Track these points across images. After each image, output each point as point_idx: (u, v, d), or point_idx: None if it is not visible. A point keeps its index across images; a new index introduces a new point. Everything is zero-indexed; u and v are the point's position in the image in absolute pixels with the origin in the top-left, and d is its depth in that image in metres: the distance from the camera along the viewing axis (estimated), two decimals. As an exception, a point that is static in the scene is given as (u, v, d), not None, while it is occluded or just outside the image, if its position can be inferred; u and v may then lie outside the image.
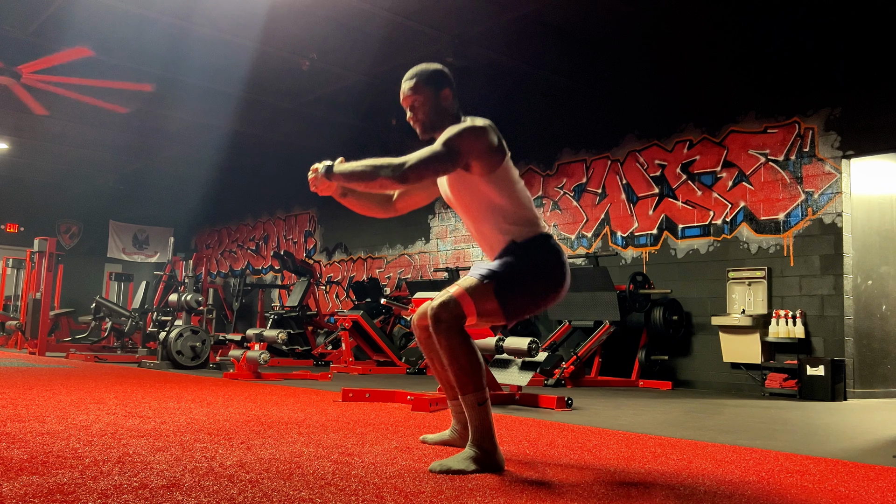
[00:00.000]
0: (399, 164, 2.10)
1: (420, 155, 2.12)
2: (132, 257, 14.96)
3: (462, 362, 2.07)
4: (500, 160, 2.21)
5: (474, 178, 2.21)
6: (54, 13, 6.33)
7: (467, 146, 2.15)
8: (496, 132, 2.22)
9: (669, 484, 1.99)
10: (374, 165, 2.13)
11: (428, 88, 2.31)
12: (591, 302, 6.56)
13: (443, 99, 2.31)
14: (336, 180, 2.21)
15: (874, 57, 5.79)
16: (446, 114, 2.31)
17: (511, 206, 2.23)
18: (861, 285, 5.96)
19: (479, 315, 2.15)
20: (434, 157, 2.12)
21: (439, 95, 2.31)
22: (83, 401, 3.59)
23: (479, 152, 2.17)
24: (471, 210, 2.30)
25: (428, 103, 2.31)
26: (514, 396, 4.21)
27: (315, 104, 8.62)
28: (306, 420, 3.12)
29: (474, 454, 2.05)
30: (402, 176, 2.10)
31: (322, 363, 8.20)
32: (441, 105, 2.31)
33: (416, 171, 2.10)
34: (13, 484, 1.68)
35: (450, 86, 2.34)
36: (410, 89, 2.33)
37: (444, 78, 2.34)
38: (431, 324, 2.09)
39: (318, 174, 2.24)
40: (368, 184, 2.18)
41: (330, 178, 2.22)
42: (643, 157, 7.33)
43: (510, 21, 6.26)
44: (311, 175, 2.27)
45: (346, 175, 2.18)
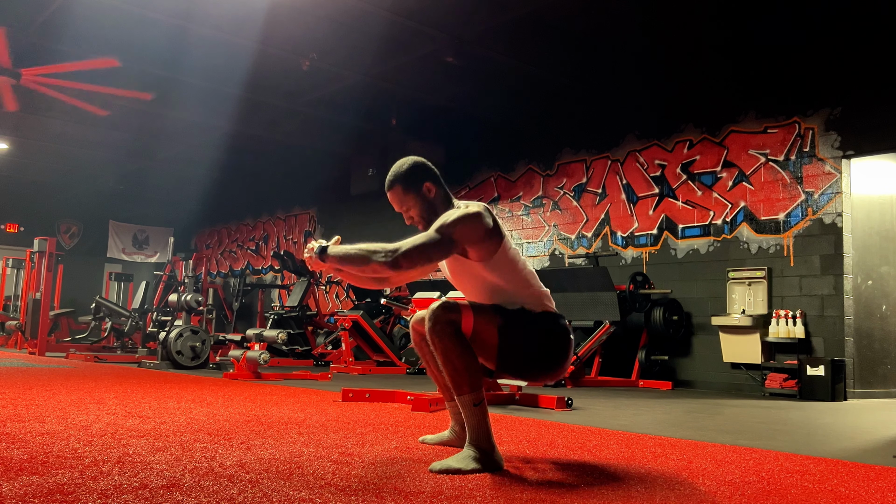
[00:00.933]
0: (392, 251, 2.06)
1: (413, 242, 2.08)
2: (132, 257, 14.96)
3: (456, 363, 2.07)
4: (497, 244, 2.18)
5: (472, 263, 2.19)
6: (54, 13, 6.33)
7: (460, 233, 2.12)
8: (491, 215, 2.19)
9: (669, 484, 1.99)
10: (367, 251, 2.09)
11: (409, 192, 2.27)
12: (591, 302, 6.56)
13: (427, 192, 2.28)
14: (330, 262, 2.16)
15: (874, 57, 5.79)
16: (437, 204, 2.28)
17: (515, 288, 2.21)
18: (861, 285, 5.96)
19: (473, 338, 2.12)
20: (427, 245, 2.09)
21: (422, 192, 2.27)
22: (83, 401, 3.59)
23: (474, 239, 2.14)
24: (471, 292, 2.29)
25: (416, 205, 2.29)
26: (513, 396, 4.21)
27: (315, 104, 8.61)
28: (306, 420, 3.12)
29: (473, 454, 2.05)
30: (395, 263, 2.05)
31: (322, 363, 8.20)
32: (428, 199, 2.28)
33: (408, 258, 2.06)
34: (13, 484, 1.68)
35: (429, 177, 2.28)
36: (395, 198, 2.30)
37: (420, 173, 2.28)
38: (428, 324, 2.08)
39: (313, 254, 2.20)
40: (361, 269, 2.13)
41: (324, 261, 2.17)
42: (643, 157, 7.33)
43: (510, 21, 6.26)
44: (305, 254, 2.24)
45: (339, 258, 2.14)
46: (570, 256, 7.85)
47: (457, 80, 7.62)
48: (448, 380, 2.11)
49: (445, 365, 2.08)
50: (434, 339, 2.08)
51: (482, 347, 2.15)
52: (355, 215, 10.79)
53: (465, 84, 7.74)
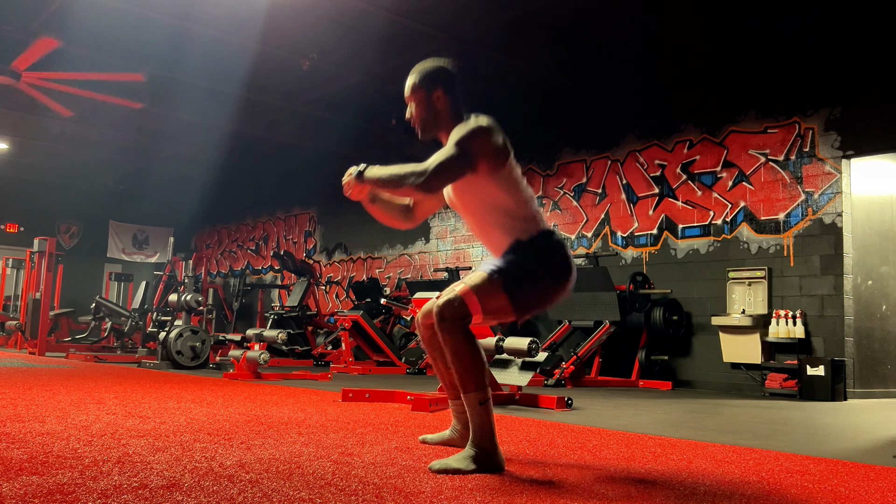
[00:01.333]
0: (421, 173, 2.10)
1: (438, 160, 2.12)
2: (132, 257, 14.96)
3: (465, 361, 2.08)
4: (505, 159, 2.22)
5: (479, 178, 2.21)
6: (54, 13, 6.33)
7: (477, 147, 2.16)
8: (501, 131, 2.22)
9: (669, 484, 1.99)
10: (401, 174, 2.14)
11: (421, 90, 2.32)
12: (591, 302, 6.56)
13: (435, 101, 2.31)
14: (367, 184, 2.24)
15: (874, 57, 5.79)
16: (440, 116, 2.31)
17: (515, 204, 2.23)
18: (861, 285, 5.96)
19: (486, 312, 2.15)
20: (450, 161, 2.12)
21: (431, 98, 2.31)
22: (83, 401, 3.59)
23: (486, 152, 2.17)
24: (475, 211, 2.30)
25: (421, 105, 2.32)
26: (514, 396, 4.21)
27: (315, 104, 8.61)
28: (306, 420, 3.12)
29: (474, 454, 2.05)
30: (426, 185, 2.11)
31: (322, 363, 8.19)
32: (434, 107, 2.31)
33: (437, 178, 2.11)
34: (13, 484, 1.68)
35: (444, 86, 2.31)
36: (408, 89, 2.35)
37: (438, 78, 2.32)
38: (436, 321, 2.09)
39: (351, 178, 2.27)
40: (394, 190, 2.22)
41: (362, 182, 2.25)
42: (643, 157, 7.33)
43: (510, 21, 6.26)
44: (345, 179, 2.30)
45: (376, 180, 2.21)
46: (570, 256, 7.84)
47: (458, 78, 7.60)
48: (456, 376, 2.12)
49: (454, 361, 2.09)
50: (445, 336, 2.08)
51: (499, 311, 2.18)
52: (355, 215, 10.78)
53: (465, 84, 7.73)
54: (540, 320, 7.97)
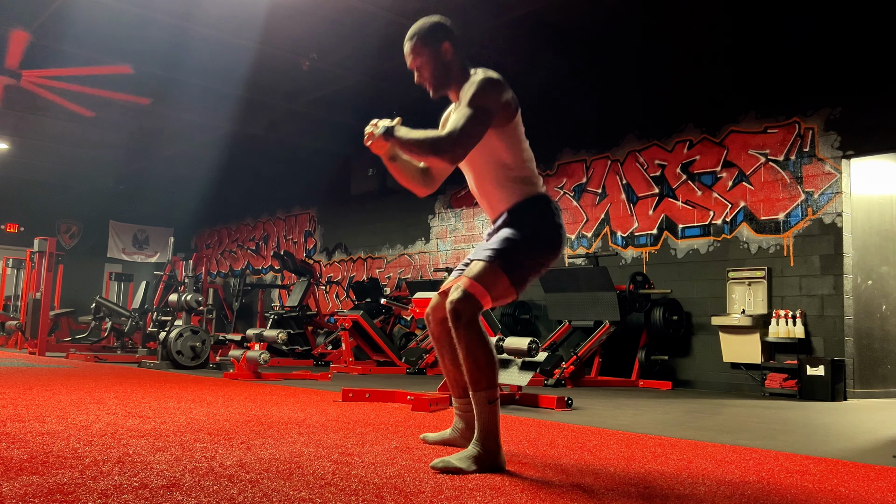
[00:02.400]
0: (447, 141, 2.08)
1: (460, 124, 2.09)
2: (132, 257, 14.96)
3: (478, 357, 2.07)
4: (513, 114, 2.22)
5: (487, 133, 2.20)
6: (54, 13, 6.33)
7: (493, 101, 2.15)
8: (507, 85, 2.22)
9: (669, 484, 1.99)
10: (427, 140, 2.12)
11: (427, 48, 2.28)
12: (591, 302, 6.56)
13: (444, 53, 2.28)
14: (391, 143, 2.23)
15: (874, 57, 5.79)
16: (451, 68, 2.29)
17: (515, 162, 2.25)
18: (861, 285, 5.96)
19: (494, 298, 2.16)
20: (471, 122, 2.10)
21: (440, 51, 2.28)
22: (83, 401, 3.59)
23: (499, 106, 2.17)
24: (476, 165, 2.30)
25: (431, 63, 2.29)
26: (514, 396, 4.21)
27: (315, 104, 8.61)
28: (306, 420, 3.12)
29: (477, 453, 2.05)
30: (455, 154, 2.10)
31: (322, 363, 8.19)
32: (444, 60, 2.29)
33: (462, 145, 2.10)
34: (13, 484, 1.68)
35: (448, 37, 2.29)
36: (410, 51, 2.31)
37: (441, 31, 2.29)
38: (451, 319, 2.08)
39: (377, 132, 2.24)
40: (419, 156, 2.20)
41: (387, 140, 2.23)
42: (643, 157, 7.33)
43: (510, 21, 6.25)
44: (368, 129, 2.27)
45: (403, 142, 2.18)
46: (570, 256, 7.85)
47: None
48: (467, 373, 2.11)
49: (467, 358, 2.08)
50: (459, 333, 2.07)
51: (503, 294, 2.18)
52: (355, 215, 10.79)
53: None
54: (540, 320, 7.97)
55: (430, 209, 9.50)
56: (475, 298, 2.09)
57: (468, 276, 2.15)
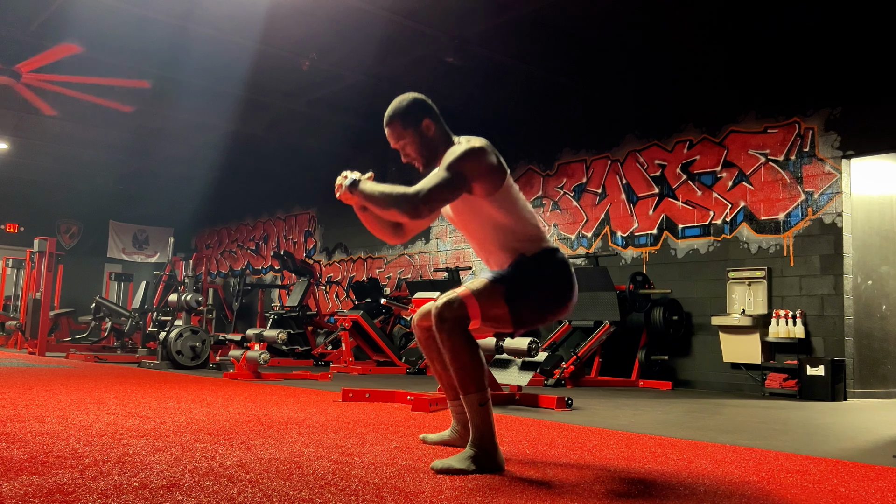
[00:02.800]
0: (412, 197, 2.08)
1: (429, 185, 2.09)
2: (132, 257, 14.96)
3: (464, 361, 2.07)
4: (501, 179, 2.19)
5: (476, 199, 2.19)
6: (54, 13, 6.33)
7: (470, 169, 2.13)
8: (494, 151, 2.20)
9: (669, 484, 1.99)
10: (392, 196, 2.12)
11: (408, 128, 2.27)
12: (591, 302, 6.56)
13: (426, 130, 2.27)
14: (357, 195, 2.22)
15: (874, 57, 5.79)
16: (436, 143, 2.28)
17: (516, 224, 2.22)
18: (861, 285, 5.96)
19: (485, 319, 2.13)
20: (441, 186, 2.10)
21: (420, 129, 2.27)
22: (83, 401, 3.59)
23: (480, 174, 2.15)
24: (475, 231, 2.30)
25: (414, 142, 2.28)
26: (514, 396, 4.21)
27: (315, 104, 8.61)
28: (306, 420, 3.12)
29: (475, 454, 2.05)
30: (416, 211, 2.09)
31: (322, 363, 8.19)
32: (427, 137, 2.28)
33: (427, 203, 2.09)
34: (13, 484, 1.68)
35: (428, 114, 2.28)
36: (393, 134, 2.30)
37: (419, 109, 2.28)
38: (435, 322, 2.08)
39: (344, 184, 2.24)
40: (383, 210, 2.19)
41: (353, 193, 2.23)
42: (643, 157, 7.33)
43: (510, 21, 6.25)
44: (338, 181, 2.27)
45: (367, 196, 2.19)
46: (570, 256, 7.85)
47: (457, 80, 7.62)
48: (455, 378, 2.11)
49: (453, 363, 2.08)
50: (443, 337, 2.07)
51: (497, 321, 2.17)
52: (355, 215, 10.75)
53: (465, 84, 7.74)
54: (540, 320, 7.96)
55: (430, 209, 9.49)
56: (463, 306, 2.08)
57: (466, 286, 2.15)
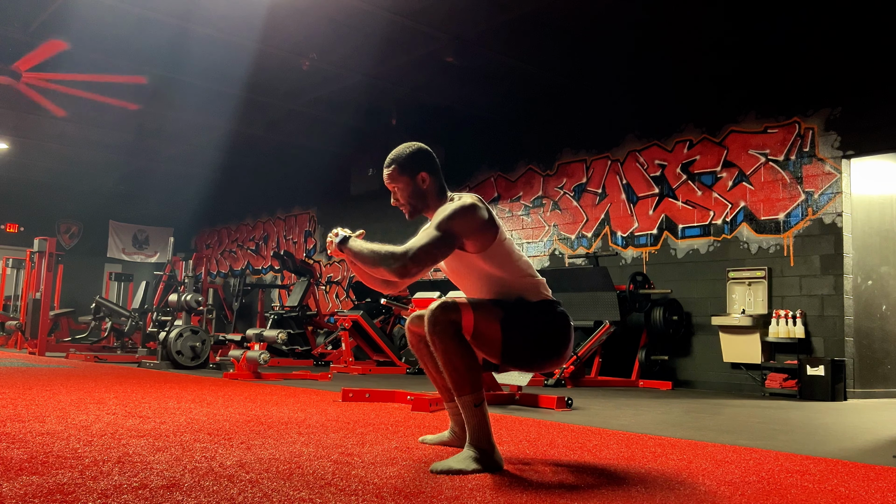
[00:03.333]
0: (401, 257, 2.07)
1: (418, 245, 2.09)
2: (132, 257, 14.96)
3: (457, 364, 2.06)
4: (493, 235, 2.18)
5: (470, 256, 2.19)
6: (54, 13, 6.33)
7: (460, 227, 2.12)
8: (485, 206, 2.20)
9: (669, 484, 1.99)
10: (380, 256, 2.12)
11: (404, 175, 2.28)
12: (591, 302, 6.55)
13: (420, 182, 2.28)
14: (346, 253, 2.23)
15: (874, 57, 5.79)
16: (427, 195, 2.29)
17: (512, 277, 2.21)
18: (861, 285, 5.96)
19: (475, 336, 2.12)
20: (430, 245, 2.09)
21: (416, 180, 2.27)
22: (83, 401, 3.59)
23: (471, 231, 2.14)
24: (469, 286, 2.30)
25: (407, 189, 2.29)
26: (514, 396, 4.21)
27: (315, 104, 8.61)
28: (306, 420, 3.12)
29: (473, 454, 2.05)
30: (405, 271, 2.08)
31: (322, 363, 8.19)
32: (420, 189, 2.28)
33: (417, 264, 2.08)
34: (13, 484, 1.68)
35: (427, 167, 2.28)
36: (388, 177, 2.30)
37: (420, 161, 2.28)
38: (427, 325, 2.08)
39: (335, 242, 2.26)
40: (372, 269, 2.20)
41: (342, 250, 2.25)
42: (643, 157, 7.33)
43: (510, 21, 6.26)
44: (329, 237, 2.29)
45: (354, 254, 2.20)
46: (570, 256, 7.85)
47: (457, 80, 7.62)
48: (448, 381, 2.10)
49: (446, 366, 2.08)
50: (434, 340, 2.07)
51: (485, 343, 2.15)
52: (355, 215, 10.78)
53: (465, 84, 7.75)
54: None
55: (430, 209, 9.50)
56: (458, 312, 2.08)
57: (465, 297, 2.15)
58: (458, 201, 2.19)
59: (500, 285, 2.22)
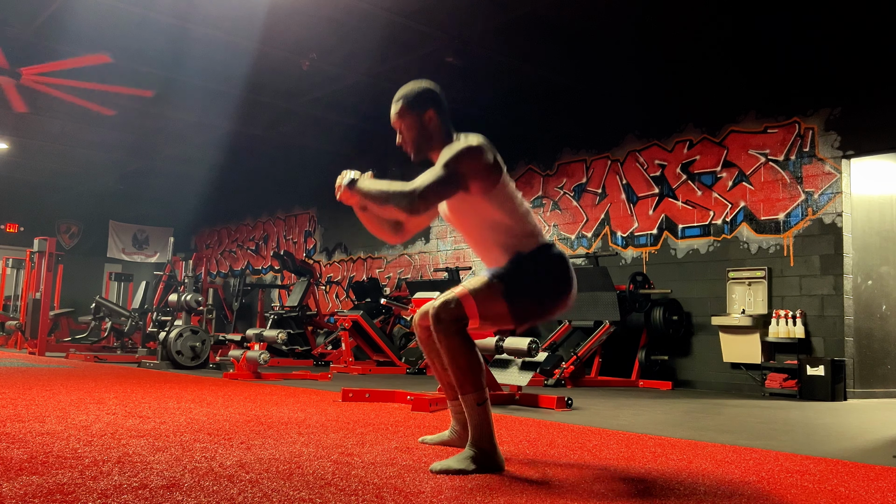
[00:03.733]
0: (409, 194, 2.09)
1: (425, 182, 2.10)
2: (132, 257, 14.96)
3: (461, 362, 2.07)
4: (497, 177, 2.19)
5: (473, 197, 2.20)
6: (54, 13, 6.33)
7: (466, 167, 2.14)
8: (492, 149, 2.21)
9: (669, 484, 1.99)
10: (389, 193, 2.14)
11: (412, 113, 2.29)
12: (591, 302, 6.55)
13: (427, 121, 2.29)
14: (356, 194, 2.24)
15: (874, 57, 5.79)
16: (433, 135, 2.29)
17: (512, 221, 2.22)
18: (861, 285, 5.96)
19: (484, 318, 2.13)
20: (437, 183, 2.11)
21: (423, 118, 2.28)
22: (83, 401, 3.59)
23: (477, 172, 2.16)
24: (471, 229, 2.30)
25: (413, 128, 2.29)
26: (514, 396, 4.21)
27: (315, 104, 8.61)
28: (306, 420, 3.12)
29: (474, 454, 2.05)
30: (413, 208, 2.09)
31: (322, 363, 8.19)
32: (426, 128, 2.29)
33: (424, 200, 2.09)
34: (13, 484, 1.68)
35: (435, 107, 2.30)
36: (395, 114, 2.31)
37: (427, 100, 2.30)
38: (432, 323, 2.09)
39: (343, 183, 2.26)
40: (381, 207, 2.21)
41: (352, 191, 2.25)
42: (643, 157, 7.33)
43: (510, 21, 6.25)
44: (338, 181, 2.29)
45: (365, 193, 2.21)
46: (570, 256, 7.83)
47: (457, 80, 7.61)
48: (453, 378, 2.12)
49: (451, 363, 2.09)
50: (440, 338, 2.09)
51: (496, 319, 2.18)
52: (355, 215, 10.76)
53: (465, 84, 7.74)
54: (540, 320, 7.96)
55: (430, 209, 9.50)
56: (460, 306, 2.09)
57: (463, 286, 2.16)
58: (463, 141, 2.20)
59: (500, 230, 2.23)
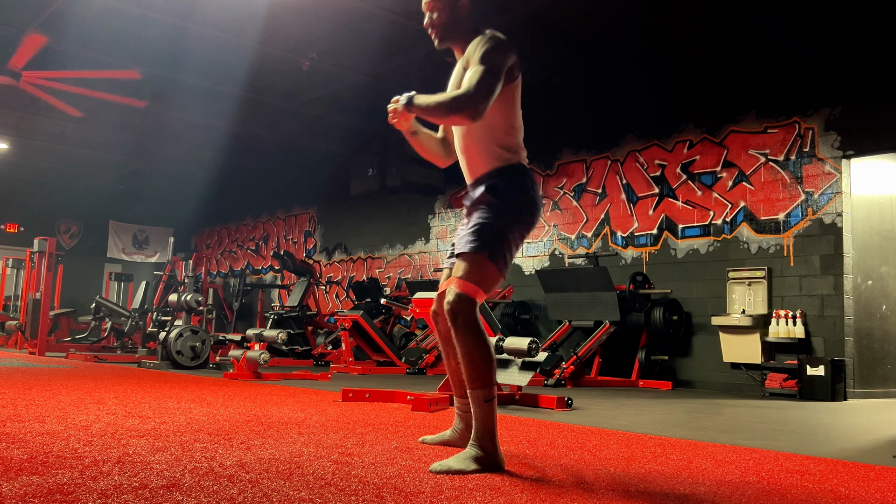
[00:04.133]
0: (467, 100, 2.10)
1: (474, 82, 2.11)
2: (132, 257, 14.96)
3: (474, 356, 2.10)
4: (513, 77, 2.24)
5: None
6: (54, 13, 6.33)
7: (505, 59, 2.18)
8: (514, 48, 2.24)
9: (669, 484, 1.99)
10: (448, 101, 2.15)
11: None
12: (591, 302, 6.56)
13: (460, 8, 2.33)
14: (414, 112, 2.25)
15: (874, 57, 5.79)
16: (463, 23, 2.33)
17: (502, 127, 2.26)
18: (861, 285, 5.96)
19: (487, 290, 2.20)
20: (485, 80, 2.12)
21: (457, 3, 2.32)
22: (83, 401, 3.59)
23: (507, 64, 2.20)
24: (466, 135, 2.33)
25: (445, 11, 2.33)
26: (514, 396, 4.21)
27: (315, 104, 8.61)
28: (306, 420, 3.12)
29: (475, 454, 2.05)
30: (475, 111, 2.10)
31: (322, 363, 8.19)
32: (458, 14, 2.33)
33: (484, 100, 2.11)
34: (13, 484, 1.68)
35: None
36: None
37: None
38: (450, 320, 2.13)
39: (399, 105, 2.27)
40: (442, 118, 2.24)
41: (410, 110, 2.25)
42: (643, 157, 7.33)
43: (510, 21, 6.24)
44: (391, 106, 2.29)
45: (424, 108, 2.20)
46: (570, 256, 7.85)
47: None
48: (465, 371, 2.14)
49: (464, 357, 2.12)
50: (457, 332, 2.12)
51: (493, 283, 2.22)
52: (355, 215, 10.79)
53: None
54: (540, 320, 7.97)
55: (430, 209, 9.50)
56: (469, 297, 2.13)
57: (458, 277, 2.18)
58: (493, 35, 2.23)
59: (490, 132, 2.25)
